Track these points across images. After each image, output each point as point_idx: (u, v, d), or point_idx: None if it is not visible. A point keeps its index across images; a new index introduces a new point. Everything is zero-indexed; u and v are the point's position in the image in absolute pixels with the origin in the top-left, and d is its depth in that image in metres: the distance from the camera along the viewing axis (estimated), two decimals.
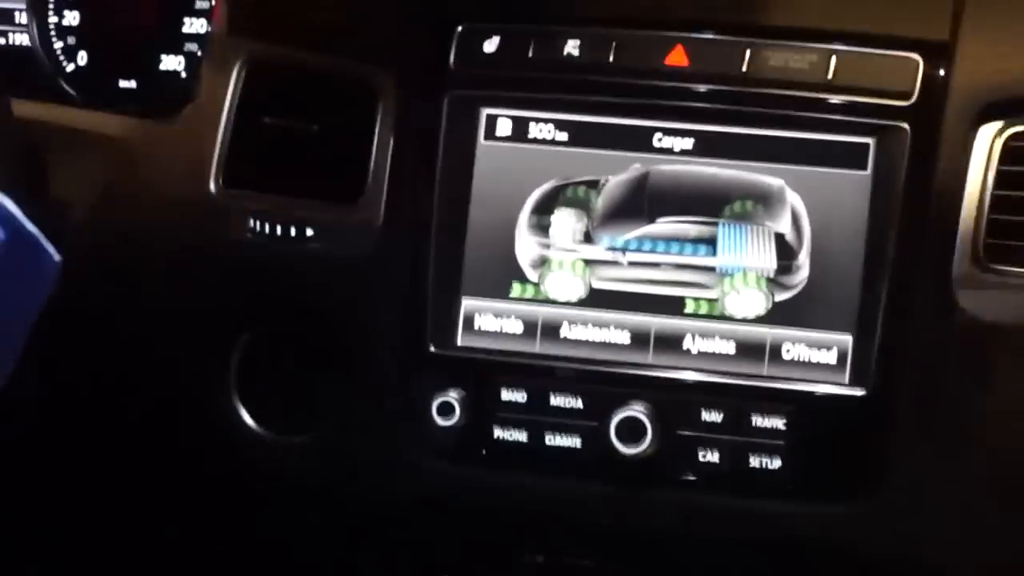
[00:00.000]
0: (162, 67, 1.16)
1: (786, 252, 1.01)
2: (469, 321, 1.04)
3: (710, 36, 1.04)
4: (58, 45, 1.19)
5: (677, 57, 1.03)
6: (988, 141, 1.00)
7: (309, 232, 1.06)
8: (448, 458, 1.06)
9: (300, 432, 1.10)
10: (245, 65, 1.10)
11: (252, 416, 1.11)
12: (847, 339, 1.00)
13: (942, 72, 1.01)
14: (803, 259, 1.01)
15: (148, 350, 1.11)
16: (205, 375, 1.11)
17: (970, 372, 1.00)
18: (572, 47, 1.04)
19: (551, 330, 1.04)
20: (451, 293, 1.04)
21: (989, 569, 1.04)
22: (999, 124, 1.00)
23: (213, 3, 1.15)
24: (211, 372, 1.11)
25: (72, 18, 1.18)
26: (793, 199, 1.01)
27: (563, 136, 1.04)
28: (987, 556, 1.03)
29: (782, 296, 1.01)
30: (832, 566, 1.07)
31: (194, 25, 1.15)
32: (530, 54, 1.05)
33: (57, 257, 0.98)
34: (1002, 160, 0.99)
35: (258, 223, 1.07)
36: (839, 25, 1.03)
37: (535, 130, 1.04)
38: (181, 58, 1.15)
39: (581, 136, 1.04)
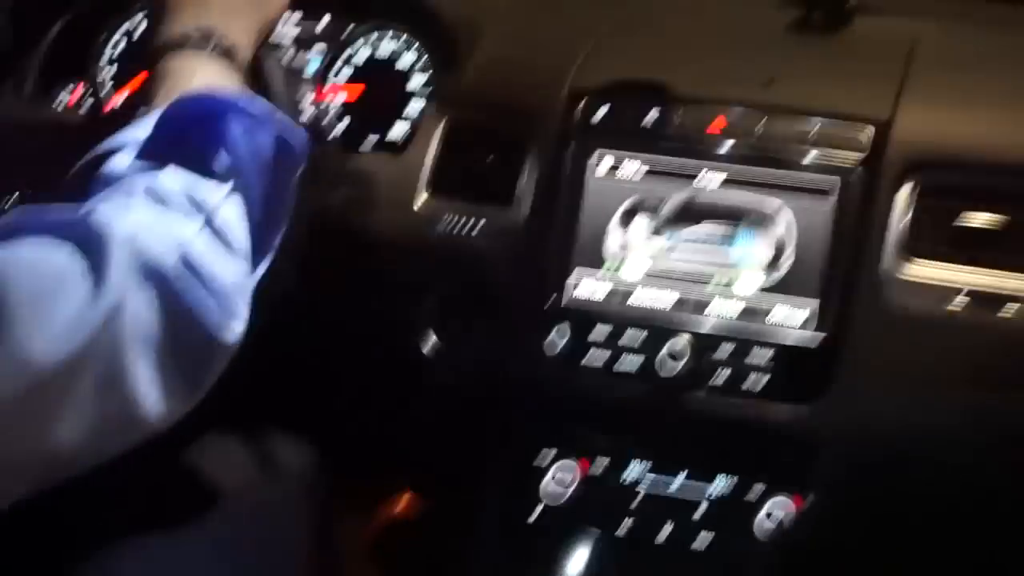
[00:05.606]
0: (392, 130, 1.75)
1: (779, 250, 1.52)
2: (576, 284, 1.57)
3: (740, 109, 1.56)
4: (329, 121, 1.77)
5: (718, 123, 1.56)
6: (911, 187, 1.49)
7: (480, 224, 1.61)
8: (559, 366, 1.57)
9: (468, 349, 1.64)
10: (446, 125, 1.66)
11: (439, 338, 1.64)
12: (816, 304, 1.51)
13: (885, 137, 1.50)
14: (789, 254, 1.51)
15: (375, 301, 1.65)
16: (411, 316, 1.65)
17: (893, 329, 1.48)
18: (651, 115, 1.58)
19: (626, 293, 1.55)
20: (565, 265, 1.56)
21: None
22: (919, 177, 1.49)
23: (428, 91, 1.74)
24: (414, 314, 1.65)
25: (339, 99, 1.80)
26: (786, 215, 1.53)
27: (644, 170, 1.55)
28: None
29: (774, 276, 1.52)
30: (801, 449, 1.54)
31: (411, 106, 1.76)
32: (625, 119, 1.59)
33: (304, 132, 1.22)
34: (918, 201, 1.49)
35: (449, 218, 1.62)
36: (820, 104, 1.55)
37: (626, 165, 1.56)
38: (406, 123, 1.76)
39: (654, 170, 1.56)
